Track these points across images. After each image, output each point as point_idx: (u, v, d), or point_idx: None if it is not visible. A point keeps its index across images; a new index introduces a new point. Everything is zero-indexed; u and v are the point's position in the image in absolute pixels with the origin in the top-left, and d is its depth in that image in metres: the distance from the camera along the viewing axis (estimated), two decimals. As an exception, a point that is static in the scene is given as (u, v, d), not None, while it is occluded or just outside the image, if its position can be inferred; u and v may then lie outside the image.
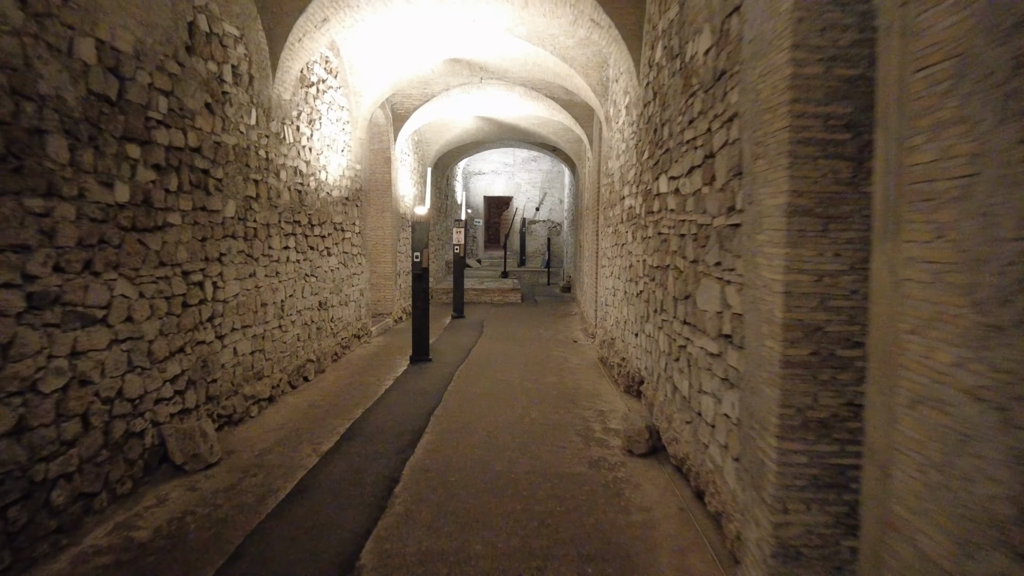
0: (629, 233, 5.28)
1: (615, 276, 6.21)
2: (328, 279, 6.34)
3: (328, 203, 6.33)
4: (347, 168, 6.99)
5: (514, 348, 7.59)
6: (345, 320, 6.96)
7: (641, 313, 4.68)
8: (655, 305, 4.16)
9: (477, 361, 6.72)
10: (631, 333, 5.18)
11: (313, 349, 5.91)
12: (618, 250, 6.02)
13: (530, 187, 21.29)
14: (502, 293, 13.19)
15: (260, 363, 4.77)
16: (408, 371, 6.20)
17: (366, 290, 7.82)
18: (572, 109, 9.08)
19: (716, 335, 2.80)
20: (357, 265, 7.39)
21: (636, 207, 4.94)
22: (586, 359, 6.90)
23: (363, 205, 7.67)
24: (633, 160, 5.08)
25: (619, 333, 5.89)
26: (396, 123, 9.27)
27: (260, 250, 4.74)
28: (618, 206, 6.00)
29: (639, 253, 4.78)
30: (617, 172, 6.12)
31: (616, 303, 6.09)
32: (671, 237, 3.69)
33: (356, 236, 7.33)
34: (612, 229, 6.43)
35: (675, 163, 3.60)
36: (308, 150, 5.77)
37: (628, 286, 5.32)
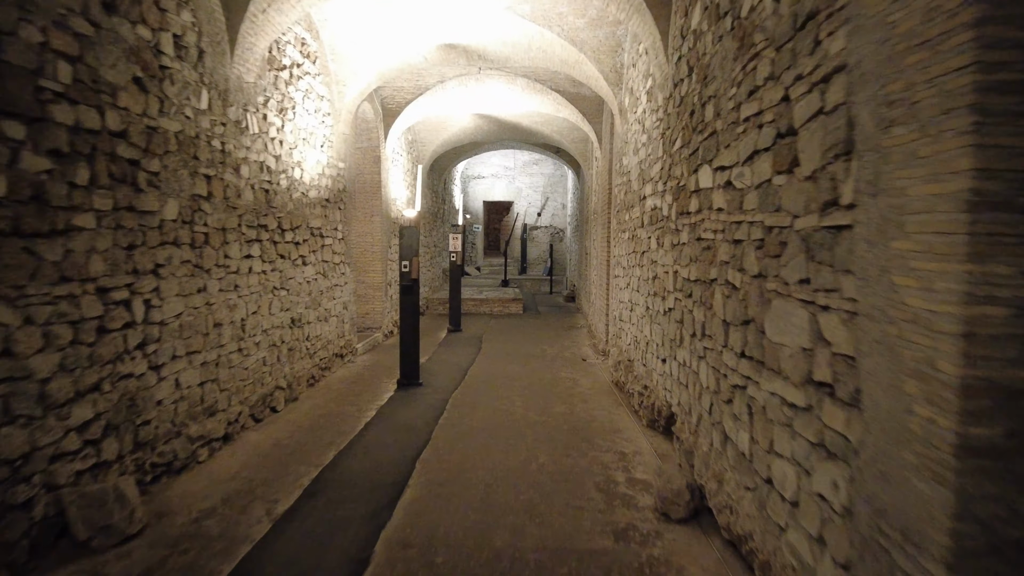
0: (652, 239, 4.52)
1: (632, 288, 5.44)
2: (303, 292, 5.58)
3: (304, 205, 5.58)
4: (328, 166, 6.25)
5: (516, 368, 6.81)
6: (324, 338, 6.19)
7: (671, 335, 3.91)
8: (693, 328, 3.39)
9: (474, 385, 5.94)
10: (656, 358, 4.41)
11: (283, 374, 5.14)
12: (636, 259, 5.26)
13: (531, 191, 20.58)
14: (502, 303, 12.43)
15: (212, 395, 4.00)
16: (394, 398, 5.42)
17: (350, 303, 7.05)
18: (579, 103, 8.35)
19: (802, 380, 2.03)
20: (339, 275, 6.62)
21: (662, 208, 4.18)
22: (598, 382, 6.12)
23: (347, 208, 6.92)
24: (659, 153, 4.33)
25: (638, 355, 5.12)
26: (386, 119, 8.54)
27: (213, 260, 3.98)
28: (636, 208, 5.24)
29: (667, 263, 4.02)
30: (635, 169, 5.37)
31: (634, 320, 5.32)
32: (718, 244, 2.93)
33: (338, 243, 6.57)
34: (628, 235, 5.68)
35: (725, 149, 2.85)
36: (279, 143, 5.02)
37: (651, 301, 4.56)
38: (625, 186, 5.97)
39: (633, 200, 5.43)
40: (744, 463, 2.58)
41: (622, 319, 6.06)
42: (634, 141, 5.47)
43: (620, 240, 6.25)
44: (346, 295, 6.86)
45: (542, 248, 20.73)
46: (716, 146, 2.98)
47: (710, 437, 3.08)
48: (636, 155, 5.34)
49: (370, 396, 5.51)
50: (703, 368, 3.19)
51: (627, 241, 5.76)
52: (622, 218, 6.13)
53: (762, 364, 2.38)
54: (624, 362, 5.67)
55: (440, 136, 11.41)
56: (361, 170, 8.44)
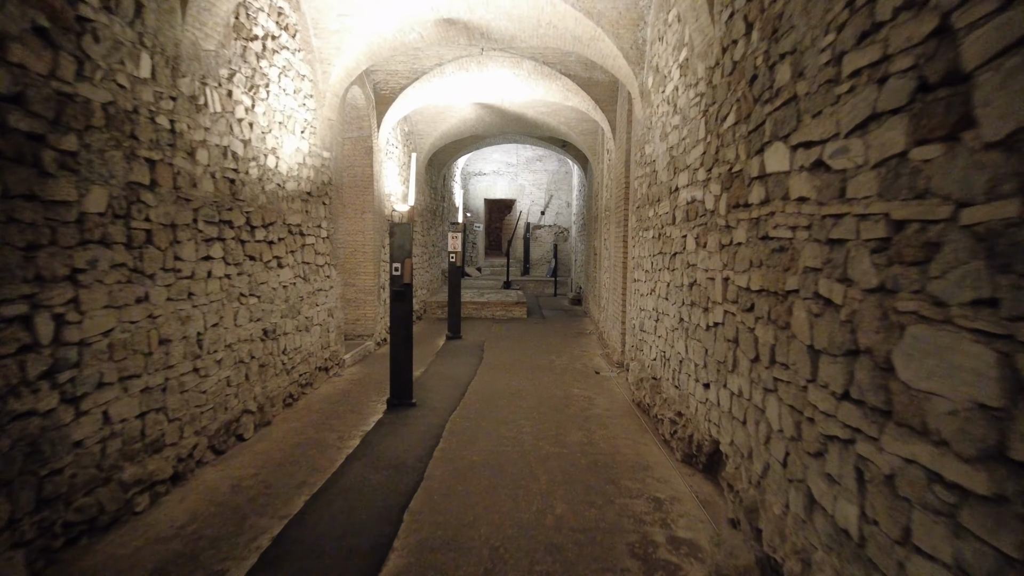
0: (689, 238, 3.83)
1: (659, 295, 4.74)
2: (278, 298, 4.88)
3: (280, 198, 4.88)
4: (310, 155, 5.55)
5: (522, 383, 6.11)
6: (305, 350, 5.49)
7: (719, 356, 3.21)
8: (755, 351, 2.69)
9: (475, 404, 5.24)
10: (694, 380, 3.71)
11: (253, 395, 4.44)
12: (664, 261, 4.56)
13: (535, 189, 19.88)
14: (505, 307, 11.73)
15: (157, 428, 3.30)
16: (383, 422, 4.72)
17: (337, 309, 6.35)
18: (592, 89, 7.65)
19: (979, 454, 1.33)
20: (323, 279, 5.93)
21: (705, 201, 3.48)
22: (617, 401, 5.42)
23: (334, 203, 6.22)
24: (699, 134, 3.63)
25: (667, 374, 4.42)
26: (379, 106, 7.85)
27: (158, 263, 3.28)
28: (665, 202, 4.54)
29: (712, 267, 3.32)
30: (662, 157, 4.67)
31: (661, 332, 4.62)
32: (800, 245, 2.23)
33: (323, 242, 5.87)
34: (653, 233, 4.98)
35: (812, 119, 2.15)
36: (248, 126, 4.32)
37: (688, 312, 3.86)
38: (648, 178, 5.26)
39: (660, 193, 4.73)
40: (850, 547, 1.88)
41: (644, 329, 5.36)
42: (661, 125, 4.76)
43: (641, 239, 5.55)
44: (331, 301, 6.16)
45: (546, 248, 20.03)
46: (795, 116, 2.28)
47: (785, 496, 2.37)
48: (664, 141, 4.64)
49: (355, 419, 4.81)
50: (772, 404, 2.49)
51: (651, 241, 5.06)
52: (644, 214, 5.42)
53: (887, 415, 1.69)
54: (647, 380, 4.97)
55: (438, 128, 10.70)
56: (351, 162, 7.74)
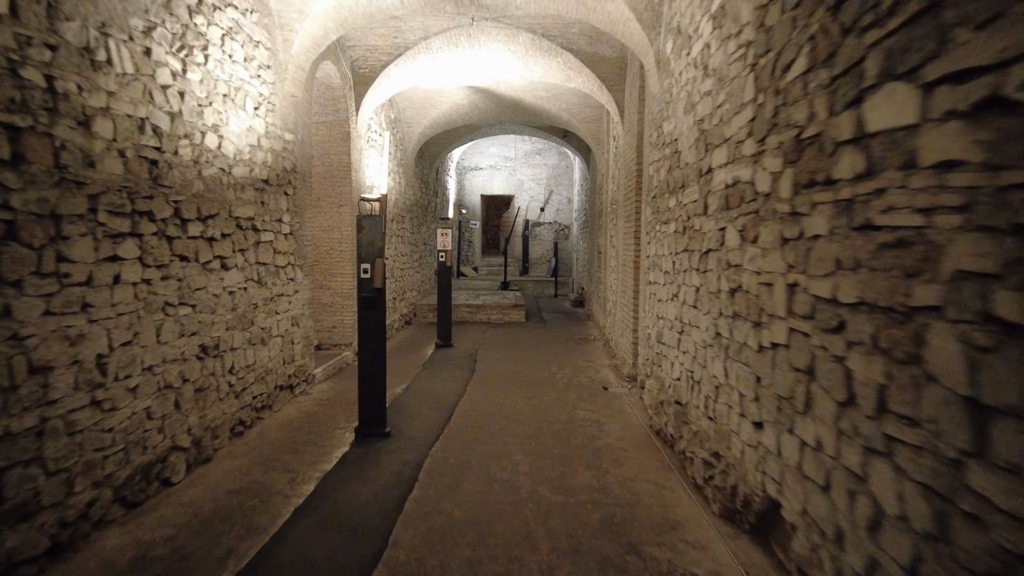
0: (730, 231, 3.02)
1: (684, 302, 3.94)
2: (222, 307, 4.07)
3: (224, 186, 4.08)
4: (267, 136, 4.74)
5: (519, 401, 5.31)
6: (261, 367, 4.68)
7: (781, 389, 2.40)
8: (845, 390, 1.89)
9: (462, 432, 4.44)
10: (741, 416, 2.90)
11: (186, 427, 3.63)
12: (691, 260, 3.75)
13: (534, 184, 19.07)
14: (502, 310, 10.93)
15: (27, 486, 2.50)
16: (348, 458, 3.92)
17: (304, 317, 5.55)
18: (597, 67, 6.84)
19: None
20: (285, 282, 5.12)
21: (755, 181, 2.68)
22: (631, 427, 4.62)
23: (300, 194, 5.41)
24: (745, 95, 2.82)
25: (697, 400, 3.61)
26: (358, 87, 7.04)
27: (29, 265, 2.48)
28: (692, 188, 3.74)
29: (769, 268, 2.52)
30: (688, 134, 3.87)
31: (688, 348, 3.81)
32: (945, 236, 1.43)
33: (284, 239, 5.06)
34: (675, 227, 4.17)
35: (975, 33, 1.34)
36: (178, 95, 3.52)
37: (729, 326, 3.05)
38: (668, 161, 4.46)
39: (685, 178, 3.93)
40: None
41: (663, 341, 4.56)
42: (685, 96, 3.96)
43: (659, 235, 4.74)
44: (296, 307, 5.35)
45: (546, 247, 19.22)
46: (936, 35, 1.47)
47: (913, 620, 1.57)
48: (690, 114, 3.83)
49: (315, 453, 4.00)
50: (885, 475, 1.68)
51: (672, 236, 4.25)
52: (662, 205, 4.62)
53: None
54: (669, 404, 4.17)
55: (428, 115, 9.89)
56: (326, 149, 6.94)
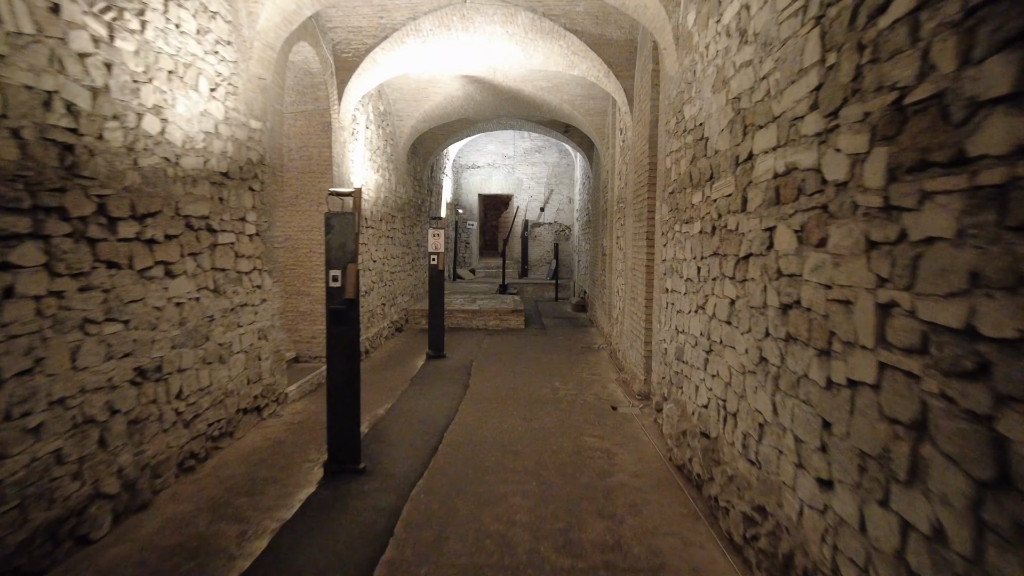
0: (782, 231, 2.42)
1: (713, 316, 3.34)
2: (166, 322, 3.47)
3: (170, 179, 3.48)
4: (226, 123, 4.15)
5: (518, 425, 4.71)
6: (219, 389, 4.08)
7: (866, 444, 1.80)
8: (991, 464, 1.29)
9: (450, 467, 3.84)
10: (797, 466, 2.29)
11: (115, 468, 3.03)
12: (724, 266, 3.16)
13: (534, 183, 18.49)
14: (499, 316, 10.33)
15: None
16: (312, 504, 3.31)
17: (274, 329, 4.95)
18: (604, 50, 6.25)
19: None
20: (250, 290, 4.52)
21: (823, 167, 2.08)
22: (647, 458, 4.02)
23: (269, 189, 4.81)
24: (804, 60, 2.22)
25: (731, 436, 3.01)
26: (341, 73, 6.44)
27: None
28: (725, 179, 3.14)
29: (848, 281, 1.91)
30: (720, 114, 3.27)
31: (720, 370, 3.21)
32: None
33: (249, 240, 4.46)
34: (701, 226, 3.58)
35: None
36: (103, 67, 2.92)
37: (780, 351, 2.45)
38: (690, 150, 3.87)
39: (715, 168, 3.33)
40: None
41: (685, 360, 3.96)
42: (715, 71, 3.37)
43: (678, 236, 4.15)
44: (264, 318, 4.75)
45: (545, 248, 18.63)
46: None
47: None
48: (720, 92, 3.24)
49: (275, 494, 3.40)
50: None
51: (698, 237, 3.66)
52: (683, 201, 4.03)
53: None
54: (694, 435, 3.57)
55: (421, 107, 9.30)
56: (304, 142, 6.34)
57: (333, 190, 3.52)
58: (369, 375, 6.55)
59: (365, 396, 5.51)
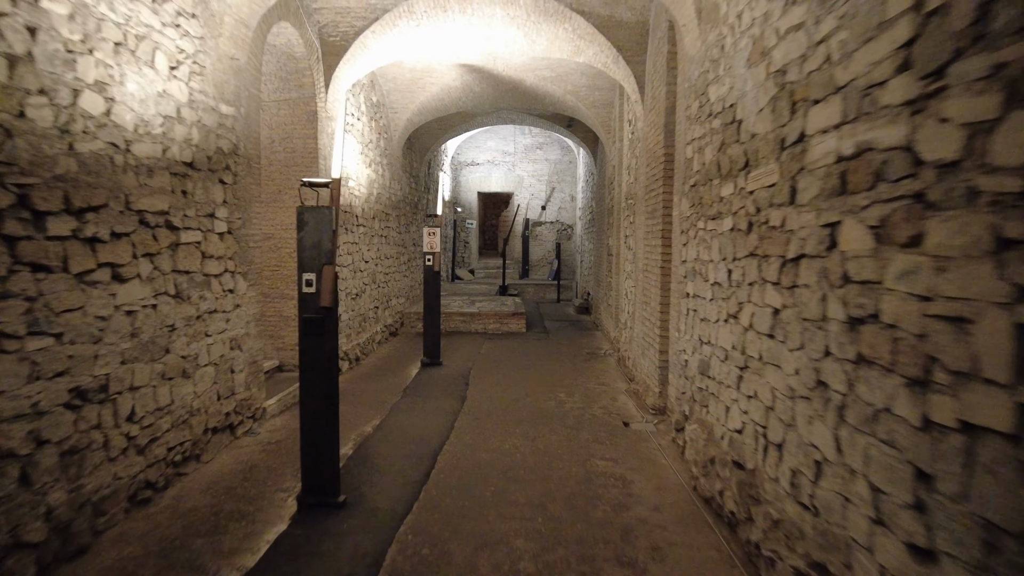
0: (849, 229, 1.96)
1: (748, 327, 2.89)
2: (114, 333, 3.01)
3: (118, 168, 3.01)
4: (191, 106, 3.69)
5: (520, 445, 4.25)
6: (183, 408, 3.62)
7: (993, 509, 1.34)
8: None
9: (444, 499, 3.38)
10: (874, 522, 1.83)
11: (41, 510, 2.56)
12: (763, 269, 2.70)
13: (535, 181, 18.02)
14: (499, 319, 9.87)
15: None
16: (280, 546, 2.84)
17: (250, 337, 4.49)
18: (613, 33, 5.79)
19: None
20: (220, 295, 4.06)
21: (910, 145, 1.62)
22: (667, 487, 3.56)
23: (244, 183, 4.36)
24: (888, 8, 1.77)
25: (776, 471, 2.55)
26: (328, 58, 5.98)
27: None
28: (766, 167, 2.68)
29: (967, 293, 1.46)
30: (757, 92, 2.81)
31: (759, 391, 2.75)
32: None
33: (219, 239, 4.01)
34: (733, 223, 3.12)
35: None
36: (26, 31, 2.46)
37: (845, 375, 1.99)
38: (719, 135, 3.41)
39: (752, 153, 2.88)
40: None
41: (712, 375, 3.50)
42: (749, 42, 2.91)
43: (704, 233, 3.69)
44: (238, 326, 4.29)
45: (547, 247, 18.17)
46: None
47: None
48: (761, 64, 2.78)
49: (239, 535, 2.94)
50: None
51: (729, 235, 3.20)
52: (709, 195, 3.57)
53: None
54: (724, 463, 3.11)
55: (416, 99, 8.84)
56: (287, 132, 5.89)
57: (306, 180, 3.06)
58: (358, 385, 6.09)
59: (352, 411, 5.06)
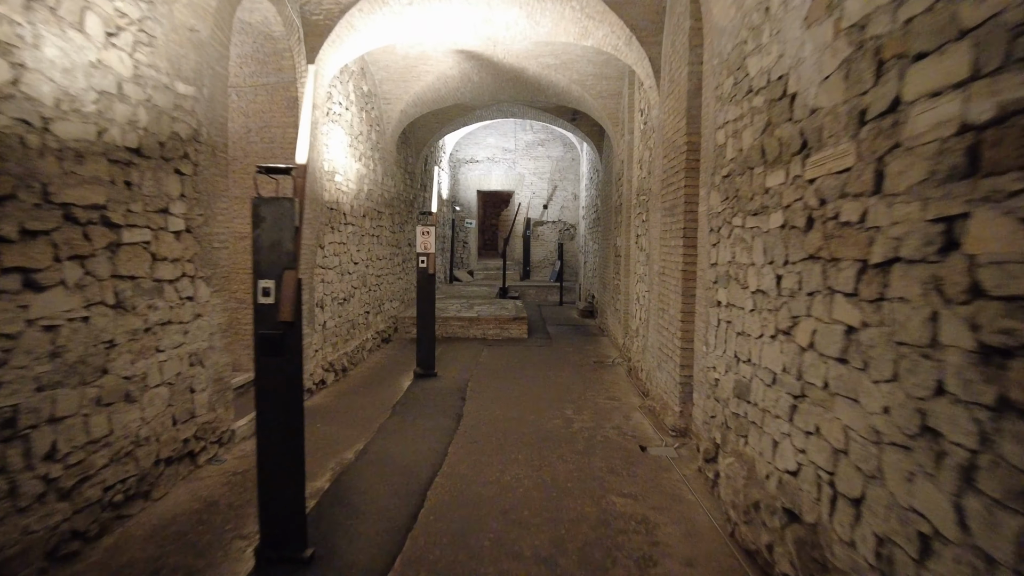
0: (981, 223, 1.43)
1: (807, 346, 2.35)
2: (25, 353, 2.47)
3: (32, 152, 2.48)
4: (135, 82, 3.15)
5: (524, 476, 3.72)
6: (125, 438, 3.08)
7: None
8: None
9: (434, 549, 2.84)
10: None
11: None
12: (825, 276, 2.17)
13: (536, 179, 17.48)
14: (500, 324, 9.34)
15: None
16: (232, 617, 2.32)
17: (215, 351, 3.96)
18: (626, 10, 5.26)
19: None
20: (176, 303, 3.52)
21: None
22: (697, 531, 3.02)
23: (207, 174, 3.82)
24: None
25: (856, 533, 2.02)
26: (311, 39, 5.45)
27: None
28: (830, 149, 2.15)
29: None
30: (821, 57, 2.27)
31: (829, 430, 2.22)
32: None
33: (174, 239, 3.47)
34: (781, 218, 2.59)
35: None
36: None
37: (978, 430, 1.46)
38: (764, 114, 2.87)
39: (812, 133, 2.34)
40: None
41: (752, 400, 2.97)
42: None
43: (742, 233, 3.16)
44: (199, 339, 3.76)
45: (549, 248, 17.63)
46: None
47: None
48: (823, 23, 2.25)
49: (180, 603, 2.41)
50: None
51: (777, 233, 2.66)
52: (751, 186, 3.04)
53: None
54: (774, 511, 2.57)
55: (410, 89, 8.31)
56: (265, 121, 5.36)
57: (262, 165, 2.53)
58: (343, 401, 5.56)
59: (333, 432, 4.54)
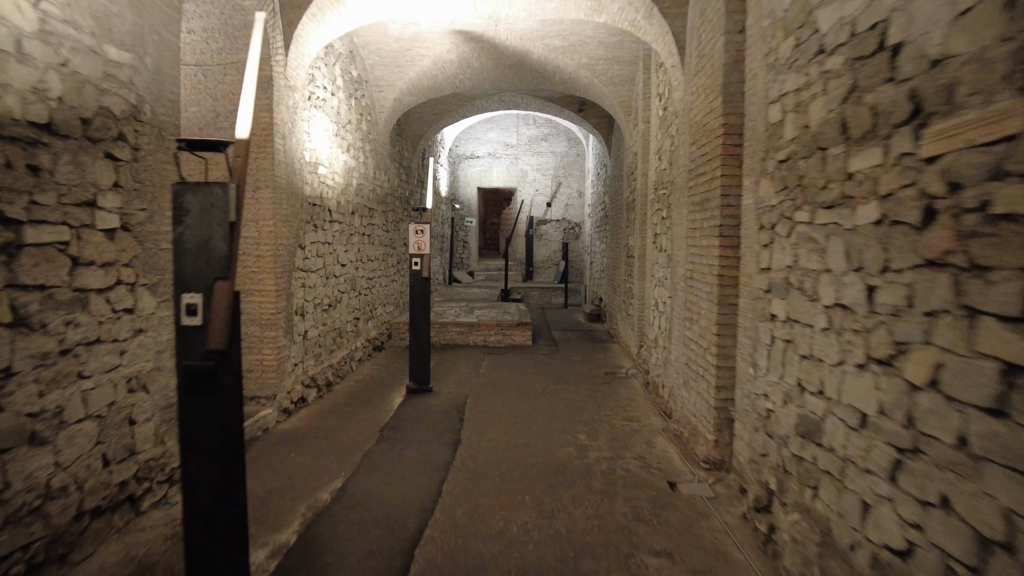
0: None
1: (920, 384, 1.73)
2: None
3: None
4: (40, 39, 2.53)
5: (532, 523, 3.10)
6: (29, 491, 2.47)
7: None
8: None
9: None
10: None
11: None
12: (955, 288, 1.55)
13: (539, 175, 16.86)
14: (502, 330, 8.72)
15: None
16: None
17: (162, 373, 3.33)
18: (646, -24, 4.64)
19: None
20: (108, 318, 2.91)
21: None
22: (755, 608, 2.41)
23: (148, 159, 3.21)
24: None
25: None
26: (288, 12, 4.84)
27: None
28: (972, 113, 1.53)
29: None
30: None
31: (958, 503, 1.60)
32: None
33: (105, 239, 2.86)
34: (877, 213, 1.96)
35: None
36: None
37: None
38: (842, 78, 2.24)
39: (929, 95, 1.72)
40: None
41: (825, 444, 2.34)
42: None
43: (810, 231, 2.54)
44: (141, 360, 3.14)
45: (553, 248, 17.00)
46: None
47: None
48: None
49: None
50: None
51: (870, 231, 2.04)
52: (823, 172, 2.41)
53: None
54: None
55: (405, 74, 7.69)
56: (237, 103, 4.75)
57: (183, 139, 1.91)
58: (324, 423, 4.95)
59: (308, 464, 3.93)
